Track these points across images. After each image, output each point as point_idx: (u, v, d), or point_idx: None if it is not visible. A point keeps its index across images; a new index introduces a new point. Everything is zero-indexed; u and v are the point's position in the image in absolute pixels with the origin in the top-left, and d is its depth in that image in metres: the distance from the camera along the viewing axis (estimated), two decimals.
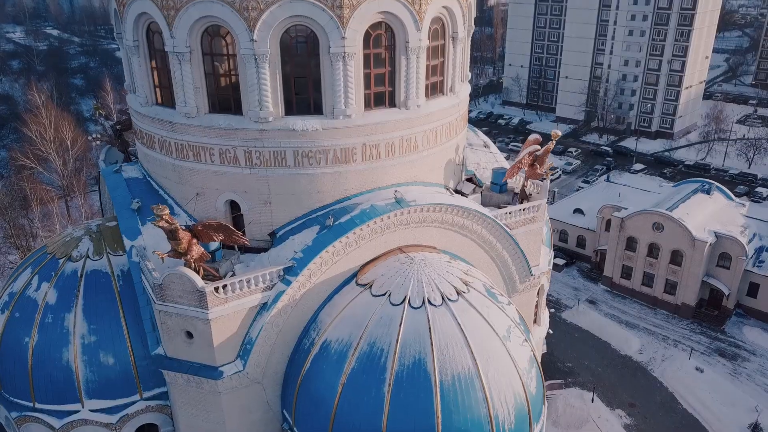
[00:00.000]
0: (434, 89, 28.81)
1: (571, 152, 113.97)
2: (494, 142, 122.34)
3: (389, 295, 24.99)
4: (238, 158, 26.04)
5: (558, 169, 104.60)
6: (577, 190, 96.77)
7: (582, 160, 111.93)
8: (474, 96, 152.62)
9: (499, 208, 31.71)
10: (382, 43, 25.99)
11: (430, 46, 27.29)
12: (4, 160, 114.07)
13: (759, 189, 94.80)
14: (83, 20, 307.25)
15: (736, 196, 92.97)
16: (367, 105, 26.43)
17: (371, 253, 26.94)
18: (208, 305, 23.49)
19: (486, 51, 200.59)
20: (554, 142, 31.50)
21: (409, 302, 24.62)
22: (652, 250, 65.24)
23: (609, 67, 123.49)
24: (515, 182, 33.14)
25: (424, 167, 28.95)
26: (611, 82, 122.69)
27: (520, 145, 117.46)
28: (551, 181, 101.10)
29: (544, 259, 34.23)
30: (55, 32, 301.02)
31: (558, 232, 76.76)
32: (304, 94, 25.76)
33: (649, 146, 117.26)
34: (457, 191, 31.73)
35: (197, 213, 27.77)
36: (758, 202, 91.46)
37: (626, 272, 68.21)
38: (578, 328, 62.76)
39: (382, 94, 26.82)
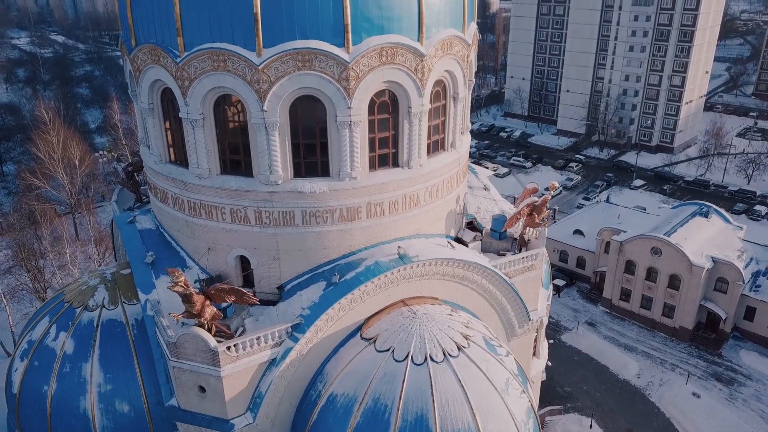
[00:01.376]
0: (435, 146, 29.97)
1: (572, 167, 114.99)
2: (495, 156, 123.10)
3: (393, 351, 26.17)
4: (249, 217, 27.25)
5: (559, 186, 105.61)
6: (578, 206, 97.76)
7: (583, 175, 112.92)
8: (476, 107, 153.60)
9: (499, 254, 32.97)
10: (386, 109, 27.16)
11: (432, 108, 28.48)
12: (12, 174, 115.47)
13: (757, 207, 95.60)
14: (87, 26, 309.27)
15: (734, 214, 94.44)
16: (372, 166, 27.61)
17: (375, 307, 28.13)
18: (221, 363, 24.71)
19: (488, 60, 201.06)
20: (551, 193, 32.69)
21: (411, 359, 25.80)
22: (651, 274, 66.26)
23: (610, 81, 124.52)
24: (515, 228, 34.29)
25: (426, 220, 30.12)
26: (612, 96, 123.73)
27: (521, 159, 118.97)
28: (552, 197, 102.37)
29: (542, 302, 35.39)
30: (59, 38, 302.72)
31: (558, 252, 77.81)
32: (311, 157, 26.93)
33: (649, 161, 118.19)
34: (458, 239, 32.89)
35: (209, 266, 28.99)
36: (757, 220, 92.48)
37: (625, 294, 69.22)
38: (577, 351, 63.77)
39: (385, 154, 28.01)
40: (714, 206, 72.56)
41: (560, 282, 74.63)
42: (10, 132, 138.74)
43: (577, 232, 77.24)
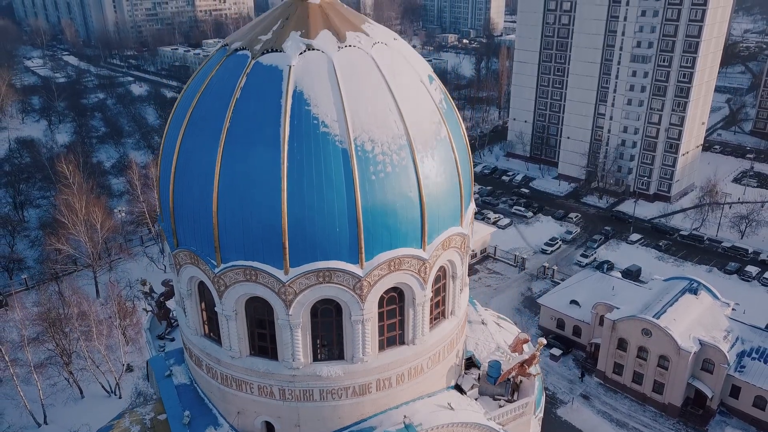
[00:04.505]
0: (437, 317, 34.00)
1: (571, 218, 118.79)
2: (497, 204, 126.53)
3: None
4: (274, 393, 31.37)
5: (558, 240, 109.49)
6: (576, 263, 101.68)
7: (582, 226, 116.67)
8: (478, 147, 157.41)
9: (494, 398, 37.02)
10: (394, 301, 31.22)
11: (433, 291, 32.53)
12: (34, 222, 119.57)
13: (749, 267, 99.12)
14: (98, 45, 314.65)
15: (727, 273, 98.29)
16: (381, 347, 31.65)
17: None
18: None
19: (491, 90, 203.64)
20: (540, 350, 36.74)
21: None
22: (642, 352, 70.15)
23: (609, 131, 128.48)
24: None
25: (429, 383, 34.11)
26: (611, 146, 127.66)
27: (522, 209, 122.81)
28: (550, 253, 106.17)
29: None
30: (71, 59, 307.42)
31: (555, 320, 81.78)
32: (328, 344, 31.06)
33: (647, 210, 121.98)
34: (457, 386, 36.93)
35: (239, 426, 33.12)
36: (747, 281, 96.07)
37: (618, 368, 73.15)
38: (572, 427, 67.66)
39: (393, 336, 32.10)
40: (703, 282, 76.33)
41: (557, 351, 78.57)
42: (28, 172, 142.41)
43: (573, 302, 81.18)
